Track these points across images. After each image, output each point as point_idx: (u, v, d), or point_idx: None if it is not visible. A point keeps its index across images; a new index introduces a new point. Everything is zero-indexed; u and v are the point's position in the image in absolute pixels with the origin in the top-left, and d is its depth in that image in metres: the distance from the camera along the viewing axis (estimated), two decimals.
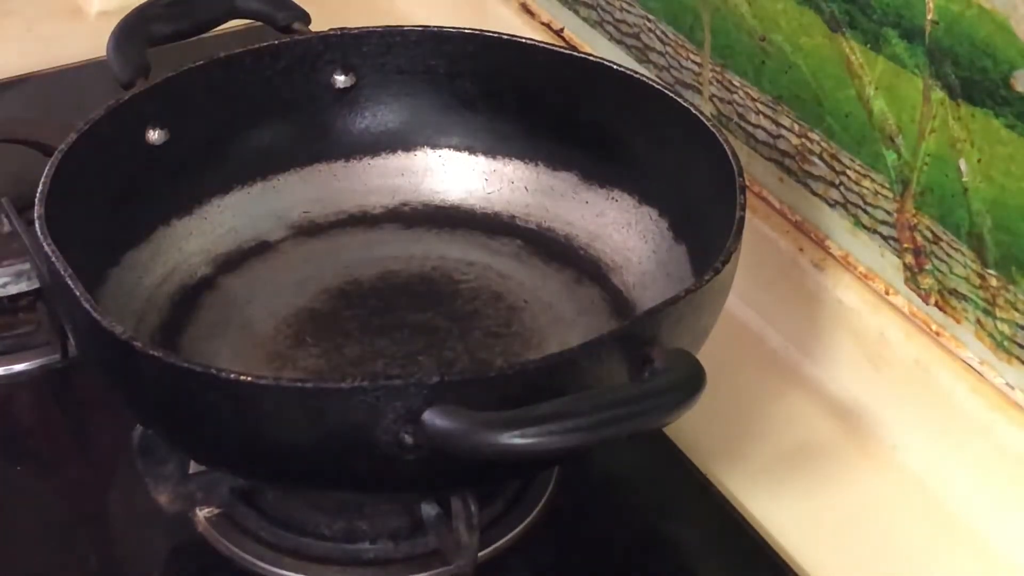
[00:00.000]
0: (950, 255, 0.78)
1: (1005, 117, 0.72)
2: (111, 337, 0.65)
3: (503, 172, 0.89)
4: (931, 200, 0.78)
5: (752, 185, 0.91)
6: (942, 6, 0.74)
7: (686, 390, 0.62)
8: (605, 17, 1.01)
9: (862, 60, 0.80)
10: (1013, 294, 0.75)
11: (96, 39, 0.88)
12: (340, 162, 0.89)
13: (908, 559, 0.78)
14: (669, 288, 0.78)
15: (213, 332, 0.80)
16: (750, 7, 0.87)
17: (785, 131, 0.87)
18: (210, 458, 0.73)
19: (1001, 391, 0.78)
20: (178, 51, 0.86)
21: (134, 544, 0.79)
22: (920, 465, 0.81)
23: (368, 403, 0.62)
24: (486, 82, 0.87)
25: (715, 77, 0.92)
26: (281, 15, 0.89)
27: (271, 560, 0.75)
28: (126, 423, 0.73)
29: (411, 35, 0.88)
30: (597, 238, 0.85)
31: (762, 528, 0.78)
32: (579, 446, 0.62)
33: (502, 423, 0.59)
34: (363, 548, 0.75)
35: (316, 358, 0.78)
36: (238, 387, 0.63)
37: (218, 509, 0.77)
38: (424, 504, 0.74)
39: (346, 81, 0.88)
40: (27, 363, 0.87)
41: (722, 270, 0.69)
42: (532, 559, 0.76)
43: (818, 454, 0.84)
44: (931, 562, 0.78)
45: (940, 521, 0.79)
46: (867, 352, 0.84)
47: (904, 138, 0.79)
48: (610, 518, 0.79)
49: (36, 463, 0.83)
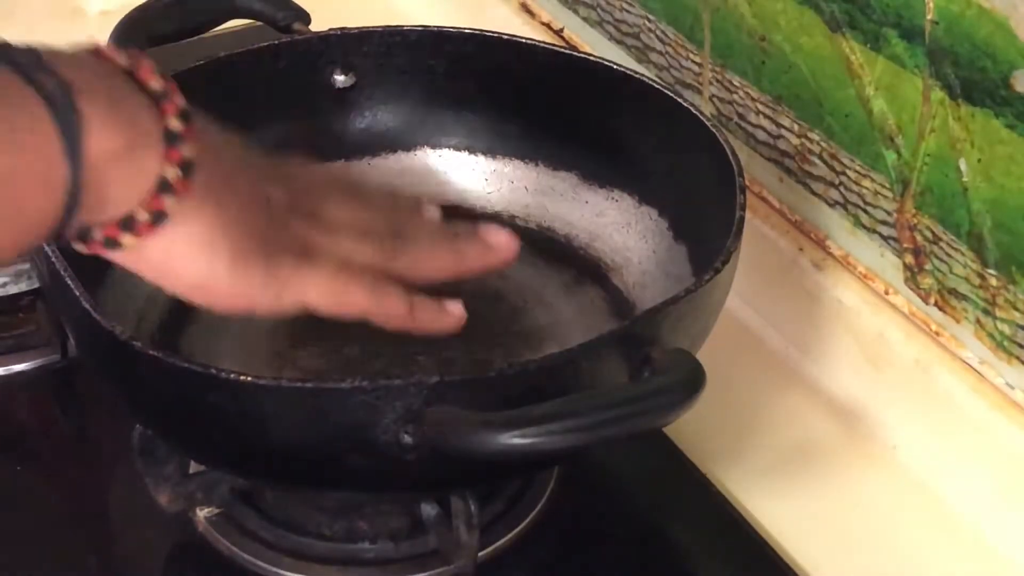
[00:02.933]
0: (950, 255, 0.78)
1: (1005, 117, 0.72)
2: (111, 337, 0.65)
3: (503, 172, 0.89)
4: (931, 200, 0.78)
5: (752, 185, 0.91)
6: (942, 6, 0.74)
7: (686, 390, 0.62)
8: (605, 17, 1.01)
9: (862, 60, 0.80)
10: (1013, 294, 0.75)
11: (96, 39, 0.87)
12: (340, 162, 0.89)
13: (908, 559, 0.78)
14: (669, 288, 0.78)
15: (213, 332, 0.80)
16: (750, 7, 0.87)
17: (785, 131, 0.87)
18: (210, 458, 0.73)
19: (1001, 391, 0.78)
20: (178, 51, 0.86)
21: (134, 544, 0.79)
22: (920, 465, 0.81)
23: (368, 403, 0.62)
24: (486, 82, 0.87)
25: (715, 77, 0.92)
26: (281, 15, 0.89)
27: (271, 560, 0.75)
28: (126, 423, 0.73)
29: (411, 35, 0.88)
30: (597, 238, 0.85)
31: (762, 528, 0.78)
32: (579, 446, 0.62)
33: (502, 423, 0.59)
34: (363, 548, 0.75)
35: (316, 358, 0.78)
36: (238, 387, 0.63)
37: (218, 509, 0.77)
38: (424, 504, 0.74)
39: (346, 81, 0.88)
40: (27, 363, 0.87)
41: (722, 270, 0.69)
42: (532, 559, 0.76)
43: (818, 454, 0.84)
44: (931, 562, 0.78)
45: (940, 521, 0.79)
46: (867, 352, 0.84)
47: (904, 138, 0.79)
48: (610, 518, 0.79)
49: (36, 463, 0.83)
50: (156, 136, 0.58)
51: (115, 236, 0.59)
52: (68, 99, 0.55)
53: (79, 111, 0.55)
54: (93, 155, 0.56)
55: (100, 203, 0.57)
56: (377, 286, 0.67)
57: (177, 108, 0.59)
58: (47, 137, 0.55)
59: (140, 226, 0.59)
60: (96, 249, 0.59)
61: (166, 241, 0.60)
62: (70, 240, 0.59)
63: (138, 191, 0.58)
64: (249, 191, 0.64)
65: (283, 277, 0.64)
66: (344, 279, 0.65)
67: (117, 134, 0.56)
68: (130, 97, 0.58)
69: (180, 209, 0.59)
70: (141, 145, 0.57)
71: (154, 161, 0.58)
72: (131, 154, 0.57)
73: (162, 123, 0.58)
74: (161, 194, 0.58)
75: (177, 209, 0.59)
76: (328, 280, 0.65)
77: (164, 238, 0.60)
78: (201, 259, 0.61)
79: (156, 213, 0.58)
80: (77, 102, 0.55)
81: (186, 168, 0.59)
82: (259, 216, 0.64)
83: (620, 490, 0.81)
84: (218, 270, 0.62)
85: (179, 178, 0.58)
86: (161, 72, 0.59)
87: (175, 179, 0.58)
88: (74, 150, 0.55)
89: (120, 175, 0.57)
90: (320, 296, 0.65)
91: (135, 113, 0.58)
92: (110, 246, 0.59)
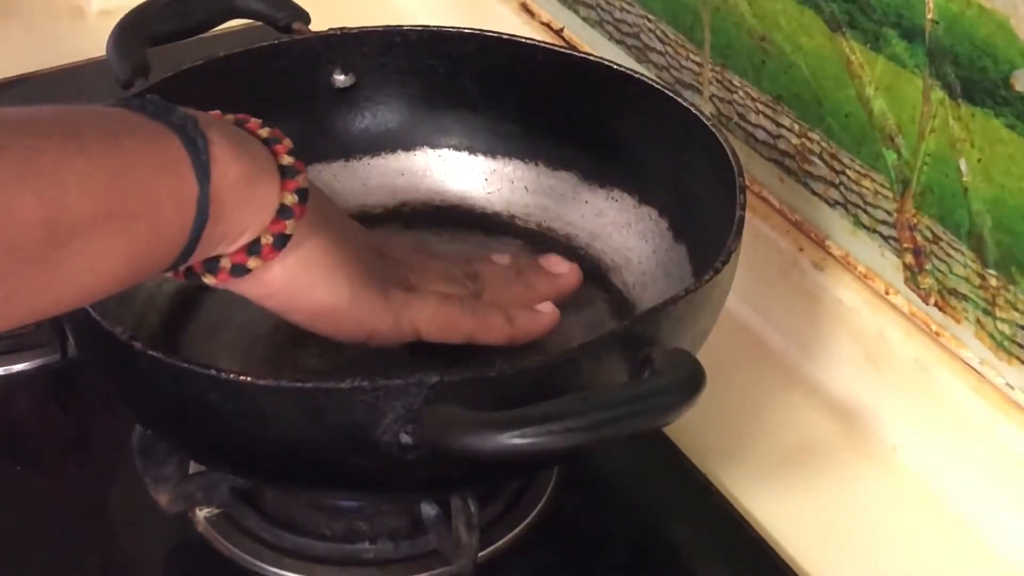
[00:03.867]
0: (950, 255, 0.78)
1: (1005, 117, 0.72)
2: (111, 337, 0.65)
3: (503, 172, 0.89)
4: (931, 200, 0.78)
5: (752, 185, 0.91)
6: (942, 6, 0.74)
7: (686, 390, 0.62)
8: (605, 17, 1.01)
9: (862, 60, 0.80)
10: (1013, 294, 0.75)
11: (96, 39, 0.88)
12: (340, 162, 0.89)
13: (908, 559, 0.78)
14: (669, 288, 0.78)
15: (213, 332, 0.80)
16: (750, 7, 0.87)
17: (785, 131, 0.87)
18: (210, 458, 0.73)
19: (1001, 391, 0.78)
20: (178, 51, 0.86)
21: (134, 544, 0.79)
22: (920, 465, 0.81)
23: (368, 403, 0.62)
24: (486, 82, 0.87)
25: (715, 77, 0.92)
26: (281, 15, 0.89)
27: (271, 560, 0.75)
28: (126, 423, 0.73)
29: (411, 35, 0.88)
30: (597, 238, 0.85)
31: (762, 528, 0.78)
32: (579, 446, 0.62)
33: (502, 423, 0.59)
34: (363, 548, 0.75)
35: (316, 358, 0.78)
36: (238, 387, 0.63)
37: (218, 509, 0.77)
38: (424, 504, 0.74)
39: (346, 81, 0.88)
40: (27, 363, 0.87)
41: (722, 270, 0.69)
42: (532, 559, 0.76)
43: (818, 454, 0.84)
44: (931, 562, 0.78)
45: (940, 521, 0.79)
46: (867, 352, 0.84)
47: (904, 138, 0.79)
48: (610, 518, 0.79)
49: (36, 463, 0.83)
50: (273, 170, 0.65)
51: (242, 262, 0.64)
52: (195, 127, 0.61)
53: (206, 136, 0.61)
54: (219, 177, 0.61)
55: (226, 229, 0.63)
56: (477, 308, 0.74)
57: (287, 148, 0.66)
58: (178, 158, 0.60)
59: (265, 249, 0.64)
60: (224, 278, 0.65)
61: (289, 268, 0.66)
62: (200, 275, 0.65)
63: (260, 219, 0.64)
64: (355, 231, 0.73)
65: (398, 304, 0.71)
66: (449, 306, 0.73)
67: (239, 164, 0.62)
68: (247, 139, 0.64)
69: (299, 232, 0.66)
70: (261, 178, 0.64)
71: (273, 192, 0.64)
72: (252, 185, 0.63)
73: (277, 160, 0.65)
74: (282, 219, 0.64)
75: (297, 231, 0.65)
76: (436, 307, 0.73)
77: (287, 264, 0.66)
78: (324, 285, 0.68)
79: (279, 236, 0.65)
80: (203, 130, 0.61)
81: (302, 195, 0.65)
82: (368, 252, 0.71)
83: (620, 490, 0.81)
84: (340, 296, 0.68)
85: (296, 203, 0.65)
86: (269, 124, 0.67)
87: (293, 204, 0.65)
88: (202, 171, 0.61)
89: (243, 202, 0.63)
90: (431, 321, 0.72)
91: (253, 150, 0.64)
92: (237, 272, 0.65)
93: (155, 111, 0.61)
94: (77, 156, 0.57)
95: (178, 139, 0.61)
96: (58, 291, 0.58)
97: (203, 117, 0.63)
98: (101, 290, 0.60)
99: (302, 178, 0.65)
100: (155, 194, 0.60)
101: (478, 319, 0.74)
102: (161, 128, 0.61)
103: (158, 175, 0.60)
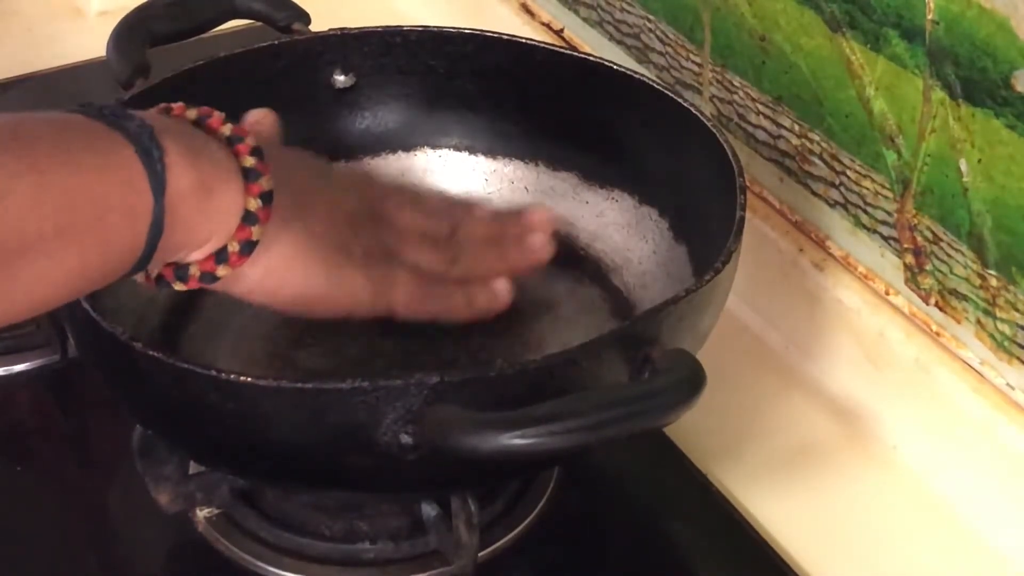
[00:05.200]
0: (950, 255, 0.78)
1: (1005, 117, 0.72)
2: (111, 337, 0.65)
3: (503, 172, 0.89)
4: (931, 200, 0.78)
5: (752, 185, 0.91)
6: (942, 6, 0.74)
7: (686, 390, 0.62)
8: (605, 17, 1.01)
9: (862, 60, 0.80)
10: (1013, 294, 0.75)
11: (96, 39, 0.88)
12: (340, 162, 0.89)
13: (908, 559, 0.78)
14: (669, 288, 0.78)
15: (213, 332, 0.80)
16: (750, 7, 0.87)
17: (785, 131, 0.87)
18: (210, 458, 0.73)
19: (1001, 391, 0.78)
20: (178, 51, 0.86)
21: (134, 544, 0.79)
22: (920, 465, 0.82)
23: (368, 403, 0.62)
24: (486, 82, 0.87)
25: (715, 77, 0.92)
26: (281, 15, 0.89)
27: (271, 560, 0.75)
28: (126, 423, 0.73)
29: (411, 35, 0.88)
30: (597, 238, 0.85)
31: (762, 528, 0.78)
32: (579, 446, 0.62)
33: (502, 423, 0.59)
34: (363, 548, 0.75)
35: (316, 358, 0.78)
36: (238, 388, 0.63)
37: (218, 509, 0.77)
38: (424, 504, 0.74)
39: (346, 81, 0.88)
40: (27, 363, 0.87)
41: (722, 270, 0.69)
42: (532, 559, 0.76)
43: (818, 454, 0.84)
44: (931, 562, 0.78)
45: (940, 521, 0.79)
46: (867, 352, 0.84)
47: (904, 138, 0.79)
48: (610, 518, 0.79)
49: (36, 463, 0.83)
50: (234, 175, 0.64)
51: (211, 270, 0.64)
52: (151, 137, 0.60)
53: (161, 147, 0.60)
54: (174, 188, 0.61)
55: (188, 238, 0.63)
56: (445, 292, 0.75)
57: (249, 148, 0.64)
58: (132, 170, 0.60)
59: (232, 257, 0.64)
60: (194, 285, 0.65)
61: (260, 266, 0.66)
62: (170, 282, 0.64)
63: (226, 226, 0.64)
64: (326, 205, 0.71)
65: (376, 281, 0.71)
66: (423, 288, 0.74)
67: (197, 171, 0.62)
68: (205, 142, 0.64)
69: (266, 234, 0.65)
70: (221, 185, 0.63)
71: (236, 196, 0.64)
72: (212, 191, 0.63)
73: (238, 162, 0.64)
74: (247, 225, 0.64)
75: (263, 235, 0.64)
76: (411, 288, 0.73)
77: (257, 263, 0.65)
78: (297, 273, 0.68)
79: (245, 243, 0.64)
80: (159, 139, 0.60)
81: (266, 198, 0.64)
82: (341, 227, 0.70)
83: (620, 490, 0.81)
84: (318, 283, 0.69)
85: (260, 207, 0.64)
86: (229, 119, 0.65)
87: (257, 209, 0.64)
88: (157, 182, 0.60)
89: (201, 211, 0.62)
90: (405, 302, 0.73)
91: (212, 155, 0.63)
92: (207, 280, 0.65)
93: (113, 119, 0.61)
94: (29, 172, 0.57)
95: (133, 150, 0.60)
96: (8, 302, 0.58)
97: (160, 123, 0.62)
98: (56, 299, 0.61)
99: (265, 180, 0.64)
100: (108, 208, 0.59)
101: (443, 302, 0.75)
102: (117, 138, 0.60)
103: (112, 189, 0.59)
